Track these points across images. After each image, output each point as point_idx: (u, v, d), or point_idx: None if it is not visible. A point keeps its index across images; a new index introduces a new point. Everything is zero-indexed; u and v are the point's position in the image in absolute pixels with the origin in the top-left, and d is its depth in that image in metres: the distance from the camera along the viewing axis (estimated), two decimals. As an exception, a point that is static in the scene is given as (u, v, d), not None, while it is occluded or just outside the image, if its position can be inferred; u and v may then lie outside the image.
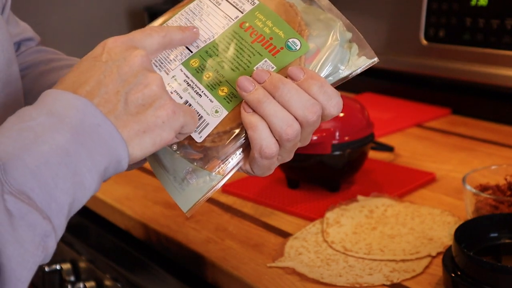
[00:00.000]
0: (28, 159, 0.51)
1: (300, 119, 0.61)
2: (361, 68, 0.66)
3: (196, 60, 0.66)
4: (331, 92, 0.62)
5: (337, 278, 0.80)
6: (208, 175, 0.64)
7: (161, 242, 0.95)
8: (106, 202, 1.06)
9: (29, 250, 0.50)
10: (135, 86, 0.56)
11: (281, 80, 0.61)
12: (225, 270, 0.84)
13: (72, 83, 0.56)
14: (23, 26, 0.92)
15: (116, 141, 0.55)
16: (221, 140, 0.64)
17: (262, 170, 0.64)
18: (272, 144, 0.62)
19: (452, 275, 0.74)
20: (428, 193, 1.03)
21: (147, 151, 0.57)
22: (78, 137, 0.53)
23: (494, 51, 1.32)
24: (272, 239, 0.91)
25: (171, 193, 0.66)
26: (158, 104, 0.57)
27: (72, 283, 1.08)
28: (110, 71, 0.56)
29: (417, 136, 1.30)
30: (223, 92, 0.64)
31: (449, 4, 1.38)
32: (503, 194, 0.88)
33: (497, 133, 1.29)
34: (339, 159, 1.00)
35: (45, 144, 0.52)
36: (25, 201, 0.50)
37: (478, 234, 0.79)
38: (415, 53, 1.46)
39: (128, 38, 0.60)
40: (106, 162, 0.54)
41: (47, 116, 0.53)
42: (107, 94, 0.55)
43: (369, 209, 0.96)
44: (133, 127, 0.56)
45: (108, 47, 0.58)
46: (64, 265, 1.10)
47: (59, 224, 0.52)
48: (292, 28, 0.66)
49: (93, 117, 0.54)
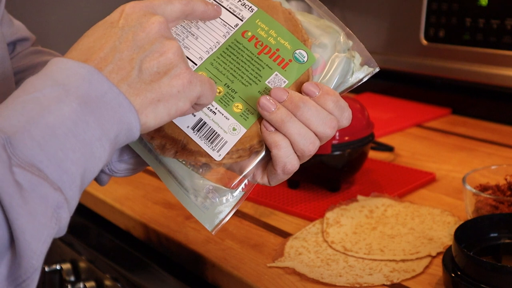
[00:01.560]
0: (35, 131, 0.50)
1: (320, 134, 0.63)
2: (366, 78, 0.67)
3: (202, 73, 0.64)
4: (343, 105, 0.64)
5: (337, 278, 0.80)
6: (230, 193, 0.64)
7: (161, 242, 0.95)
8: (106, 202, 1.06)
9: (42, 222, 0.49)
10: (151, 53, 0.55)
11: (302, 99, 0.62)
12: (225, 270, 0.84)
13: (86, 49, 0.55)
14: (18, 25, 0.91)
15: (125, 108, 0.53)
16: (240, 157, 0.63)
17: (280, 181, 0.66)
18: (295, 161, 0.63)
19: (452, 275, 0.74)
20: (428, 193, 1.03)
21: (162, 120, 0.56)
22: (85, 106, 0.52)
23: (494, 51, 1.32)
24: (272, 239, 0.91)
25: (194, 213, 0.65)
26: (173, 73, 0.56)
27: (72, 283, 1.08)
28: (126, 37, 0.55)
29: (417, 136, 1.30)
30: (238, 108, 0.63)
31: (449, 4, 1.38)
32: (503, 194, 0.88)
33: (497, 133, 1.29)
34: (339, 159, 1.00)
35: (51, 115, 0.51)
36: (35, 173, 0.49)
37: (478, 234, 0.80)
38: (415, 53, 1.46)
39: (148, 4, 0.58)
40: (116, 129, 0.53)
41: (52, 87, 0.52)
42: (121, 60, 0.54)
43: (369, 209, 0.96)
44: (147, 95, 0.55)
45: (126, 13, 0.57)
46: (64, 265, 1.10)
47: (72, 195, 0.51)
48: (296, 38, 0.65)
49: (99, 84, 0.53)
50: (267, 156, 0.64)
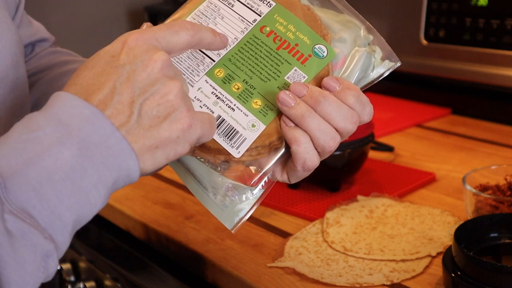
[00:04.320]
0: (32, 174, 0.49)
1: (341, 130, 0.62)
2: (387, 72, 0.66)
3: (220, 69, 0.63)
4: (365, 100, 0.63)
5: (337, 278, 0.80)
6: (250, 190, 0.63)
7: (161, 242, 0.95)
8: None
9: (30, 271, 0.49)
10: (151, 96, 0.53)
11: (322, 93, 0.61)
12: (225, 270, 0.84)
13: (86, 86, 0.53)
14: (37, 27, 0.90)
15: (126, 155, 0.52)
16: (260, 154, 0.62)
17: (299, 179, 0.64)
18: (315, 157, 0.62)
19: (452, 275, 0.74)
20: (428, 193, 1.03)
21: (159, 165, 0.55)
22: (86, 151, 0.51)
23: (494, 51, 1.32)
24: (272, 239, 0.91)
25: (213, 212, 0.64)
26: (174, 117, 0.54)
27: (72, 283, 1.08)
28: (127, 77, 0.53)
29: (417, 136, 1.30)
30: (257, 105, 0.62)
31: (449, 4, 1.38)
32: (503, 194, 0.88)
33: (497, 133, 1.29)
34: (339, 159, 1.00)
35: (50, 158, 0.50)
36: (26, 220, 0.48)
37: (478, 234, 0.80)
38: (415, 53, 1.46)
39: (152, 36, 0.55)
40: (114, 176, 0.52)
41: (55, 127, 0.51)
42: (120, 104, 0.52)
43: (369, 209, 0.96)
44: (145, 142, 0.53)
45: (128, 46, 0.54)
46: (64, 265, 1.10)
47: (62, 241, 0.51)
48: (316, 33, 0.64)
49: (102, 129, 0.51)
50: (286, 153, 0.63)
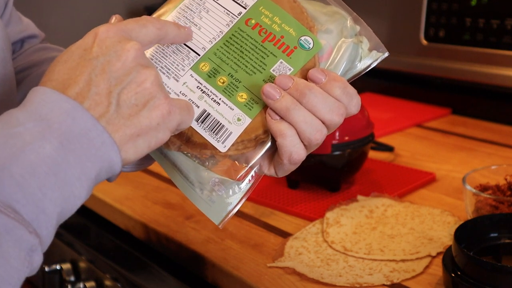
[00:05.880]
0: (15, 169, 0.49)
1: (327, 122, 0.61)
2: (374, 63, 0.65)
3: (206, 63, 0.63)
4: (352, 92, 0.62)
5: (337, 278, 0.80)
6: (236, 185, 0.63)
7: (161, 242, 0.95)
8: (106, 202, 1.06)
9: (14, 266, 0.48)
10: (128, 85, 0.54)
11: (307, 86, 0.61)
12: (225, 270, 0.84)
13: (62, 80, 0.53)
14: (27, 23, 0.90)
15: (108, 146, 0.52)
16: (246, 148, 0.62)
17: (287, 172, 0.64)
18: (301, 150, 0.61)
19: (452, 275, 0.74)
20: (428, 193, 1.03)
21: (141, 154, 0.55)
22: (68, 144, 0.51)
23: (494, 51, 1.32)
24: (272, 239, 0.91)
25: (200, 207, 0.64)
26: (152, 104, 0.54)
27: (72, 283, 1.08)
28: (102, 68, 0.53)
29: (417, 136, 1.30)
30: (242, 98, 0.62)
31: (449, 4, 1.38)
32: (503, 194, 0.88)
33: (497, 133, 1.29)
34: (339, 159, 1.00)
35: (33, 152, 0.50)
36: (11, 215, 0.48)
37: (478, 234, 0.80)
38: (415, 53, 1.46)
39: (121, 28, 0.56)
40: (97, 168, 0.52)
41: (35, 121, 0.51)
42: (98, 95, 0.53)
43: (369, 209, 0.96)
44: (126, 131, 0.53)
45: (99, 38, 0.54)
46: (64, 265, 1.10)
47: (47, 234, 0.51)
48: (302, 25, 0.63)
49: (83, 122, 0.52)
50: (273, 146, 0.63)
